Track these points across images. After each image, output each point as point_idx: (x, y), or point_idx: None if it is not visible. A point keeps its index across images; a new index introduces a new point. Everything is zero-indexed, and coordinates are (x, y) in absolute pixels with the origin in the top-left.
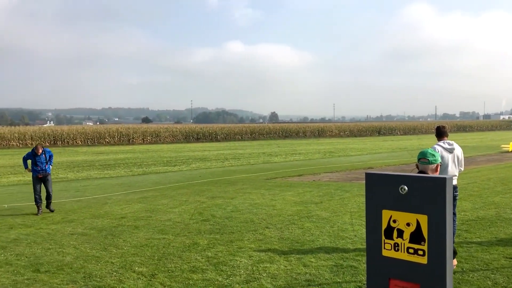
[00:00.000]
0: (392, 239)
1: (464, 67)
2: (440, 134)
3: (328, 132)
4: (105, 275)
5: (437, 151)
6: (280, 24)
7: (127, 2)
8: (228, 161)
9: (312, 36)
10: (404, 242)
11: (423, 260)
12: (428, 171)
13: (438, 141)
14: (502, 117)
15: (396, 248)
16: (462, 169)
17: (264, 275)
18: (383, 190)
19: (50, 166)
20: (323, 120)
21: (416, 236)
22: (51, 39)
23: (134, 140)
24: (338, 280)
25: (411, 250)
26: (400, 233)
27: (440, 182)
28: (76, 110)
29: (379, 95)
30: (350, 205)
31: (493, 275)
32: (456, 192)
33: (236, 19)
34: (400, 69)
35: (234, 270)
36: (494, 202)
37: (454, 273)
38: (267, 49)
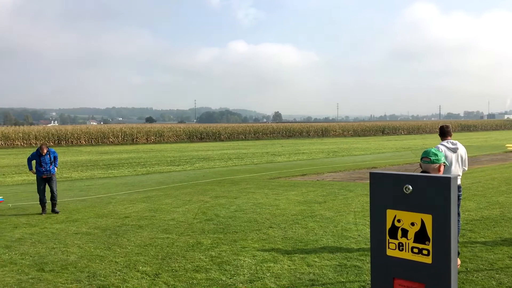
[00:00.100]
0: (397, 239)
1: (468, 66)
2: (444, 133)
3: (331, 132)
4: (109, 274)
5: (440, 150)
6: (284, 24)
7: (131, 2)
8: (232, 160)
9: (315, 35)
10: (409, 241)
11: (428, 259)
12: (430, 171)
13: (442, 140)
14: (506, 116)
15: (401, 247)
16: (466, 168)
17: (268, 274)
18: (388, 189)
19: (55, 168)
20: (326, 120)
21: (420, 236)
22: (54, 39)
23: (138, 139)
24: (342, 279)
25: (415, 250)
26: (404, 232)
27: (444, 182)
28: (80, 110)
29: (382, 95)
30: (354, 204)
31: (497, 275)
32: (460, 191)
33: (240, 19)
34: (404, 68)
35: (238, 270)
36: (499, 201)
37: (458, 273)
38: (271, 48)
